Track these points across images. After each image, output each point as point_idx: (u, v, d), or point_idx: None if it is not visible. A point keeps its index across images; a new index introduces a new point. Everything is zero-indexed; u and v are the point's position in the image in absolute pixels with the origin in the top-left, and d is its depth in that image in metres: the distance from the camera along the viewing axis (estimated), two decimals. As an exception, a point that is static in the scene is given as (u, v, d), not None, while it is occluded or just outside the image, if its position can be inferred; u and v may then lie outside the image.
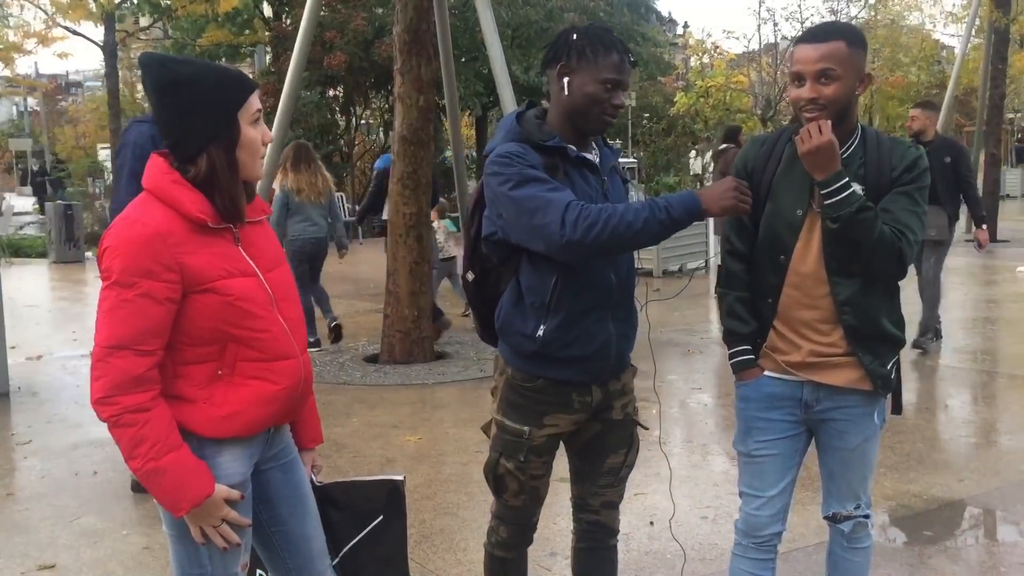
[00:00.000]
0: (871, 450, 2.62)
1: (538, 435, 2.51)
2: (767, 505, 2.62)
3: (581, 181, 2.44)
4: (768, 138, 2.65)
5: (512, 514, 2.65)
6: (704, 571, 3.64)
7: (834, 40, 2.41)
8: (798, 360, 2.53)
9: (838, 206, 2.37)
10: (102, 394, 1.91)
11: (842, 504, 2.65)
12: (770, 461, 2.61)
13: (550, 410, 2.50)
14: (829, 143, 2.35)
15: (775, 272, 2.53)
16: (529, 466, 2.53)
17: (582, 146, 2.48)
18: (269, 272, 2.11)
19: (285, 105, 7.53)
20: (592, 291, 2.44)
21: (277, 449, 2.22)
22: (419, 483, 4.61)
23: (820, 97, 2.40)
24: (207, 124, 1.99)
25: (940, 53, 29.34)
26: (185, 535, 2.04)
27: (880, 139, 2.53)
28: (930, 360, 7.22)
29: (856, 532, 2.66)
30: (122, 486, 4.62)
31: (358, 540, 2.42)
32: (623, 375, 2.60)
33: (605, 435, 2.60)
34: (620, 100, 2.43)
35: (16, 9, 20.03)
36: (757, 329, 2.59)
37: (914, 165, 2.46)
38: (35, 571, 3.77)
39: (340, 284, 11.34)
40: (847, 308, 2.47)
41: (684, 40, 32.22)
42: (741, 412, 2.66)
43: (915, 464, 4.82)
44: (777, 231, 2.53)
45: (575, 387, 2.50)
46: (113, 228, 1.97)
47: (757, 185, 2.55)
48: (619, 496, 2.69)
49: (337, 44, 17.54)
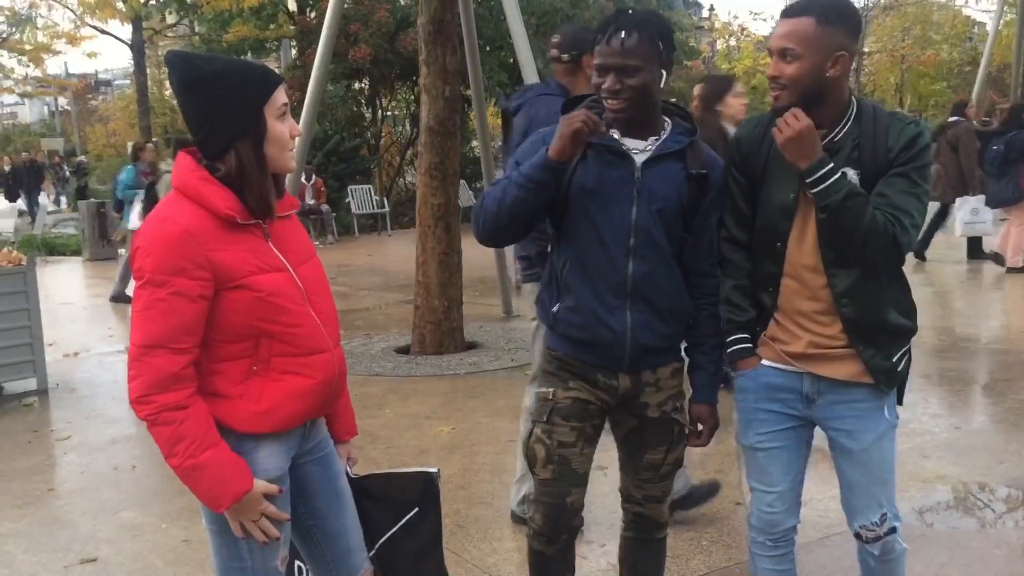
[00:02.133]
0: (887, 450, 2.47)
1: (562, 395, 2.51)
2: (778, 500, 2.53)
3: (602, 167, 2.40)
4: (761, 119, 2.52)
5: (543, 490, 2.54)
6: (740, 557, 3.61)
7: (802, 16, 2.29)
8: (798, 351, 2.44)
9: (825, 194, 2.26)
10: (139, 393, 1.93)
11: (866, 516, 2.49)
12: (775, 454, 2.51)
13: (574, 378, 2.52)
14: (807, 129, 2.24)
15: (773, 261, 2.44)
16: (555, 431, 2.50)
17: (629, 132, 2.42)
18: (300, 266, 2.12)
19: (312, 98, 7.56)
20: (602, 278, 2.41)
21: (313, 443, 2.23)
22: (453, 473, 4.62)
23: (781, 76, 2.31)
24: (233, 119, 1.99)
25: (972, 30, 28.84)
26: (225, 530, 2.06)
27: (877, 115, 2.38)
28: (967, 342, 7.13)
29: (885, 547, 2.52)
30: (160, 480, 4.68)
31: (394, 532, 2.43)
32: (659, 369, 2.52)
33: (643, 431, 2.56)
34: (608, 83, 2.33)
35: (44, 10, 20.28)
36: (757, 317, 2.51)
37: (913, 143, 2.31)
38: (77, 564, 3.83)
39: (369, 276, 11.40)
40: (845, 300, 2.36)
41: (710, 24, 31.95)
42: (740, 403, 2.57)
43: (951, 446, 4.77)
44: (771, 218, 2.43)
45: (600, 368, 2.49)
46: (144, 228, 1.99)
47: (752, 169, 2.46)
48: (663, 491, 2.64)
49: (362, 36, 17.55)
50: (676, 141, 2.45)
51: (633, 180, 2.40)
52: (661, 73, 2.37)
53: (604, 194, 2.40)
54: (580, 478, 2.55)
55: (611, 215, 2.40)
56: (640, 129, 2.43)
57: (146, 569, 3.76)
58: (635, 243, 2.40)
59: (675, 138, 2.45)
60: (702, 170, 2.44)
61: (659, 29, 2.36)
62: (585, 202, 2.41)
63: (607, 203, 2.40)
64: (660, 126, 2.46)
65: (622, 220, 2.39)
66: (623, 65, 2.31)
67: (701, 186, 2.45)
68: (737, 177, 2.51)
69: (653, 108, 2.43)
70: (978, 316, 8.30)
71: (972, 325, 7.90)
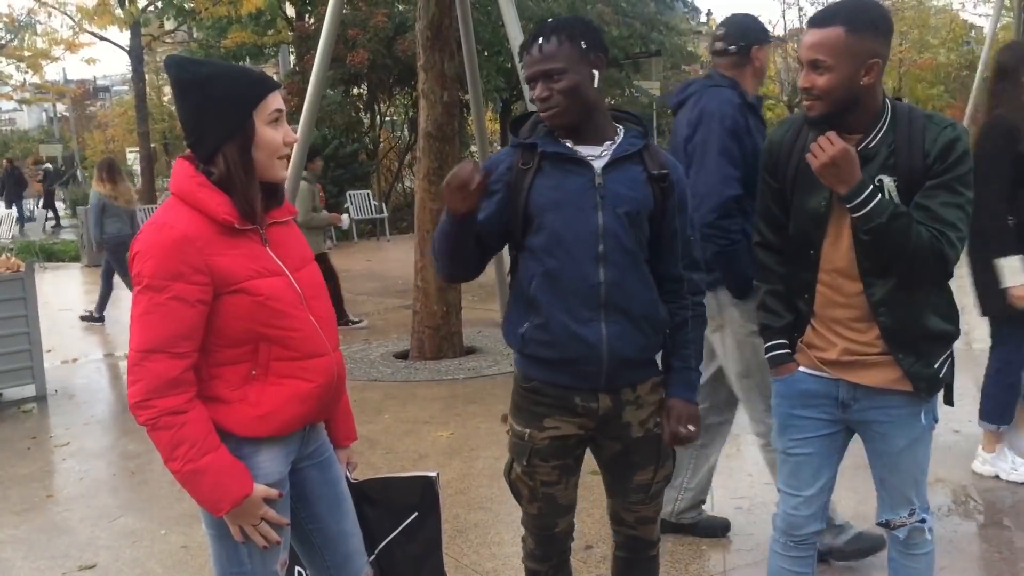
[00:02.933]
0: (920, 452, 2.46)
1: (539, 437, 2.40)
2: (804, 505, 2.53)
3: (561, 176, 2.34)
4: (794, 122, 2.47)
5: (531, 521, 2.53)
6: (739, 562, 3.61)
7: (832, 26, 2.22)
8: (832, 358, 2.41)
9: (868, 218, 2.20)
10: (139, 398, 1.93)
11: (895, 511, 2.51)
12: (806, 460, 2.50)
13: (550, 412, 2.39)
14: (842, 153, 2.17)
15: (807, 267, 2.41)
16: (536, 471, 2.43)
17: (581, 139, 2.36)
18: (297, 271, 2.13)
19: (310, 104, 7.55)
20: (573, 290, 2.31)
21: (313, 447, 2.23)
22: (452, 478, 4.62)
23: (813, 87, 2.25)
24: (220, 123, 2.00)
25: (969, 33, 28.88)
26: (225, 534, 2.06)
27: (913, 117, 2.30)
28: (963, 344, 7.12)
29: (913, 538, 2.52)
30: (159, 486, 4.68)
31: (393, 536, 2.43)
32: (639, 386, 2.41)
33: (628, 454, 2.45)
34: (538, 91, 2.29)
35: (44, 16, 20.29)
36: (794, 322, 2.48)
37: (950, 149, 2.23)
38: (76, 571, 3.83)
39: (368, 281, 11.40)
40: (883, 309, 2.31)
41: (709, 28, 31.99)
42: (776, 409, 2.57)
43: (951, 449, 4.76)
44: (804, 224, 2.39)
45: (576, 391, 2.37)
46: (143, 233, 1.99)
47: (783, 174, 2.42)
48: (655, 511, 2.55)
49: (360, 41, 17.58)
50: (631, 144, 2.38)
51: (595, 186, 2.32)
52: (592, 74, 2.31)
53: (567, 203, 2.32)
54: (567, 508, 2.52)
55: (576, 224, 2.31)
56: (590, 136, 2.36)
57: (145, 575, 3.75)
58: (604, 249, 2.30)
59: (630, 141, 2.39)
60: (662, 170, 2.38)
61: (581, 30, 2.31)
62: (547, 214, 2.32)
63: (571, 212, 2.31)
64: (612, 131, 2.40)
65: (588, 227, 2.30)
66: (546, 71, 2.27)
67: (663, 187, 2.39)
68: (769, 181, 2.48)
69: (594, 111, 2.35)
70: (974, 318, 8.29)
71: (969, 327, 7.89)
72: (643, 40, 20.71)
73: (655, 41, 20.87)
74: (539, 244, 2.35)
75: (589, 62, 2.31)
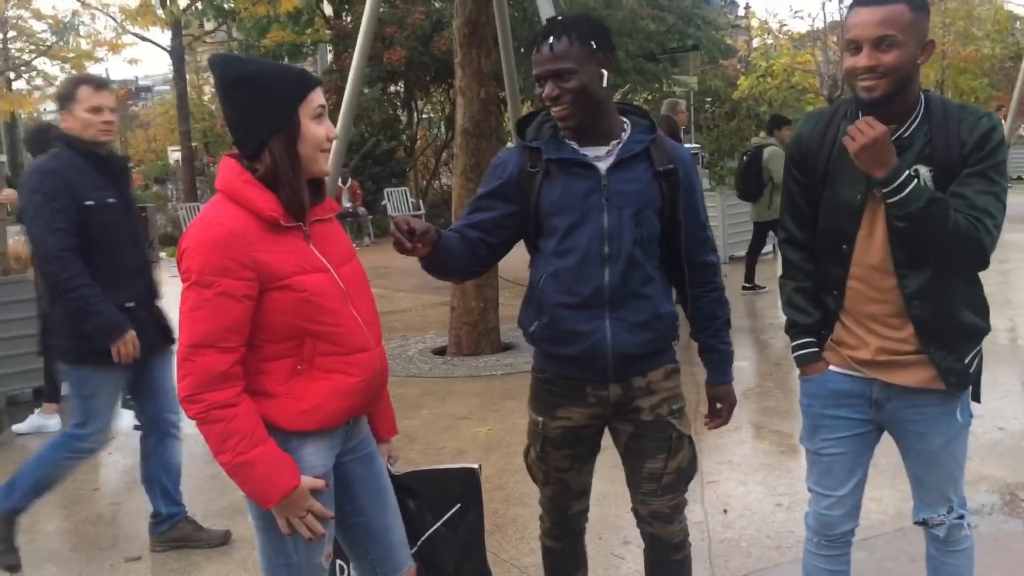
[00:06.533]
0: (958, 449, 2.43)
1: (552, 426, 2.50)
2: (838, 504, 2.50)
3: (567, 180, 2.37)
4: (822, 114, 2.43)
5: (547, 503, 2.66)
6: (780, 559, 3.60)
7: (894, 3, 2.17)
8: (867, 358, 2.36)
9: (904, 204, 2.15)
10: (189, 392, 1.97)
11: (933, 509, 2.47)
12: (839, 460, 2.47)
13: (562, 402, 2.48)
14: (882, 136, 2.13)
15: (838, 263, 2.36)
16: (548, 457, 2.54)
17: (586, 140, 2.39)
18: (341, 267, 2.15)
19: (349, 102, 7.61)
20: (580, 289, 2.37)
21: (356, 441, 2.26)
22: (491, 473, 4.64)
23: (880, 65, 2.17)
24: (267, 118, 2.03)
25: (1015, 24, 28.33)
26: (271, 526, 2.09)
27: (947, 108, 2.27)
28: (1008, 340, 7.02)
29: (952, 535, 2.48)
30: (202, 480, 4.75)
31: (436, 528, 2.45)
32: (650, 373, 2.46)
33: (640, 438, 2.49)
34: (547, 91, 2.31)
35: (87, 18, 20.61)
36: (821, 320, 2.44)
37: (987, 138, 2.21)
38: (123, 563, 3.90)
39: (406, 278, 11.45)
40: (916, 301, 2.27)
41: (746, 22, 31.71)
42: (807, 409, 2.51)
43: (994, 447, 4.70)
44: (836, 218, 2.34)
45: (587, 382, 2.44)
46: (190, 230, 2.03)
47: (813, 167, 2.38)
48: (669, 507, 2.53)
49: (397, 39, 17.66)
50: (638, 141, 2.40)
51: (600, 188, 2.36)
52: (600, 73, 2.32)
53: (573, 207, 2.36)
54: (580, 493, 2.62)
55: (583, 226, 2.35)
56: (596, 136, 2.38)
57: (190, 567, 3.82)
58: (609, 251, 2.35)
59: (636, 139, 2.41)
60: (669, 165, 2.40)
61: (591, 30, 2.33)
62: (554, 218, 2.38)
63: (577, 215, 2.36)
64: (619, 129, 2.42)
65: (594, 229, 2.35)
66: (556, 70, 2.29)
67: (671, 181, 2.41)
68: (797, 176, 2.44)
69: (602, 111, 2.37)
70: (1019, 314, 8.16)
71: (1013, 323, 7.77)
72: (680, 35, 20.57)
73: (692, 36, 20.72)
74: (548, 246, 2.42)
75: (599, 62, 2.33)
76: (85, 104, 3.62)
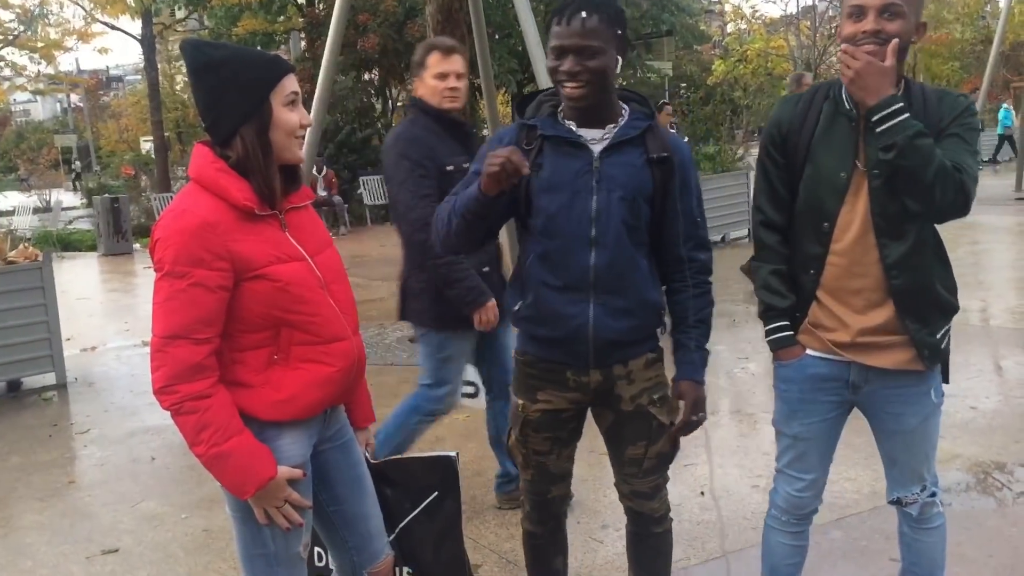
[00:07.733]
0: (932, 429, 2.47)
1: (532, 409, 2.50)
2: (810, 487, 2.54)
3: (559, 159, 2.36)
4: (802, 96, 2.45)
5: (526, 487, 2.66)
6: (757, 539, 3.61)
7: None
8: (846, 340, 2.38)
9: (893, 132, 2.16)
10: (163, 383, 1.95)
11: (907, 488, 2.51)
12: (814, 444, 2.50)
13: (543, 386, 2.48)
14: (879, 63, 2.16)
15: (818, 241, 2.37)
16: (528, 440, 2.54)
17: (586, 121, 2.37)
18: (317, 255, 2.14)
19: (322, 90, 7.56)
20: (565, 271, 2.36)
21: (333, 430, 2.26)
22: (469, 460, 4.64)
23: (883, 31, 2.19)
24: (238, 104, 2.01)
25: (985, 8, 28.58)
26: (249, 517, 2.08)
27: (926, 92, 2.34)
28: (980, 320, 7.11)
29: (925, 513, 2.53)
30: (179, 471, 4.73)
31: (413, 516, 2.46)
32: (631, 362, 2.45)
33: (620, 426, 2.52)
34: (567, 65, 2.26)
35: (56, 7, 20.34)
36: (796, 303, 2.45)
37: (964, 113, 2.29)
38: (99, 555, 3.88)
39: (383, 266, 11.42)
40: (895, 272, 2.31)
41: (720, 7, 31.77)
42: (783, 394, 2.52)
43: (967, 426, 4.76)
44: (819, 196, 2.36)
45: (568, 366, 2.44)
46: (163, 220, 2.01)
47: (794, 148, 2.39)
48: (649, 487, 2.58)
49: (370, 26, 17.57)
50: (633, 127, 2.39)
51: (592, 170, 2.34)
52: (617, 59, 2.32)
53: (563, 186, 2.35)
54: (559, 477, 2.61)
55: (571, 207, 2.34)
56: (596, 118, 2.37)
57: (168, 559, 3.80)
58: (596, 234, 2.34)
59: (632, 124, 2.39)
60: (663, 153, 2.39)
61: (618, 14, 2.32)
62: (543, 196, 2.36)
63: (566, 195, 2.34)
64: (617, 113, 2.41)
65: (582, 211, 2.34)
66: (583, 46, 2.25)
67: (664, 169, 2.40)
68: (776, 158, 2.45)
69: (609, 95, 2.38)
70: (992, 295, 8.25)
71: (985, 303, 7.86)
72: (654, 20, 20.60)
73: (666, 22, 20.75)
74: (537, 226, 2.40)
75: (619, 48, 2.33)
76: (433, 70, 3.60)
